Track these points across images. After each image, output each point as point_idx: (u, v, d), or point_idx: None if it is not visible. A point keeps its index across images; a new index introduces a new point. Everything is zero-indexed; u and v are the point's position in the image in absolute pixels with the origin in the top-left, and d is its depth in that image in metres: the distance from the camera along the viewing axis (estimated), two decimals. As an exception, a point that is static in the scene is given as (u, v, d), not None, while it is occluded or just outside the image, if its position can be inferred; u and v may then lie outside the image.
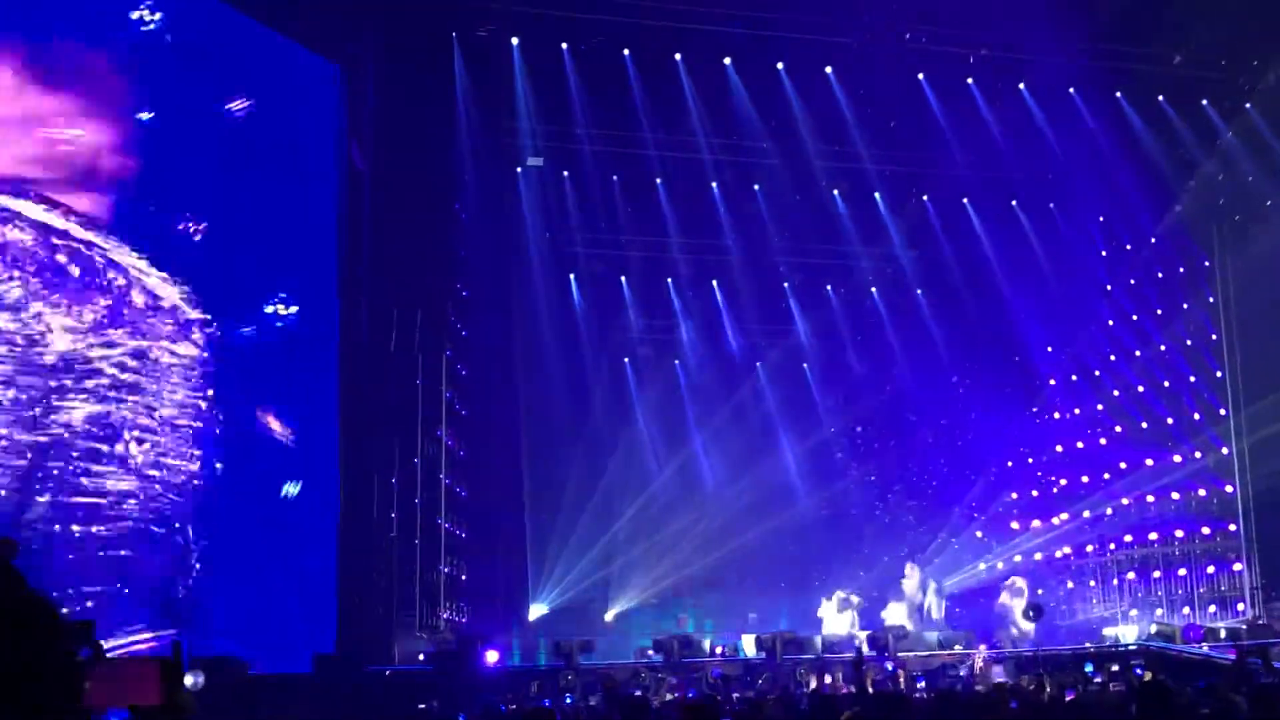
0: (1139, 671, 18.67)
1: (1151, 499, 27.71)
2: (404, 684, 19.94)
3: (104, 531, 22.50)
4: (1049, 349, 28.97)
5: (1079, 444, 28.97)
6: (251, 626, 21.88)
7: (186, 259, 22.92)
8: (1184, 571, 27.37)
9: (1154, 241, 28.14)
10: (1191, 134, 27.06)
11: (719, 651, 22.74)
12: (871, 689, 17.81)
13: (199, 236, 22.74)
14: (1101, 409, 28.84)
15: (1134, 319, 28.39)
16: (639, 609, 27.19)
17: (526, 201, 26.59)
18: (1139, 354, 28.20)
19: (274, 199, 24.14)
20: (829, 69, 26.40)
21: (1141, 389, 28.16)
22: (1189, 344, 27.58)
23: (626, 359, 28.43)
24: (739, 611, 26.96)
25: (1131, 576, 28.14)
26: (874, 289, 29.10)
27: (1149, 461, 27.70)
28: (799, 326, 29.00)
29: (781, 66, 26.35)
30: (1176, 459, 27.40)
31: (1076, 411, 29.19)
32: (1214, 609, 26.67)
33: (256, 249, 23.92)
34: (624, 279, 28.08)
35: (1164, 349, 27.83)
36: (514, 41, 24.99)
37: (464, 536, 25.50)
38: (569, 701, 17.81)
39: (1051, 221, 28.49)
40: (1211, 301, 27.51)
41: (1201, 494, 27.25)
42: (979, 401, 28.59)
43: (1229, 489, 26.77)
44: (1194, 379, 27.42)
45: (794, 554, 28.77)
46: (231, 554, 22.59)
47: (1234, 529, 26.72)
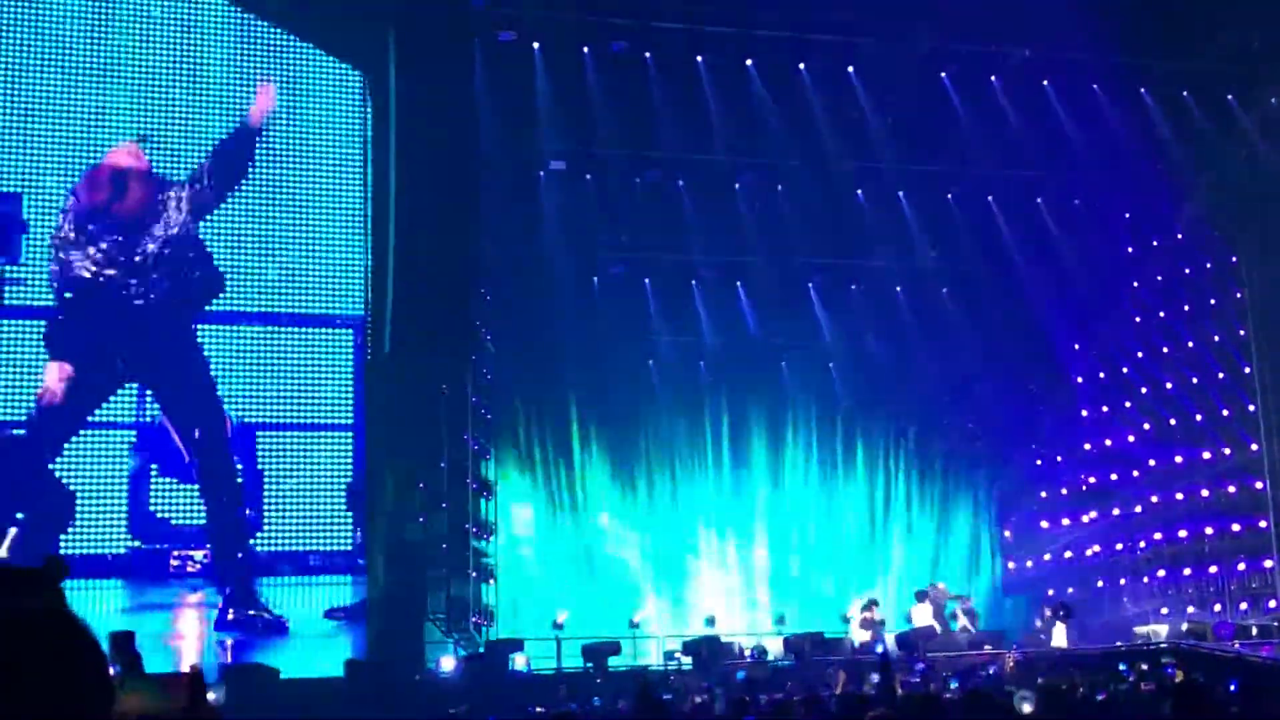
0: (1170, 671, 18.53)
1: (1181, 496, 27.52)
2: (434, 688, 19.99)
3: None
4: (1076, 347, 28.85)
5: (1107, 442, 28.81)
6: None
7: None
8: (1214, 569, 27.17)
9: (1181, 238, 27.98)
10: (1217, 130, 26.92)
11: (747, 654, 22.73)
12: (901, 690, 17.75)
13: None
14: (1130, 406, 28.69)
15: (1161, 316, 28.22)
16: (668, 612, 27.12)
17: (549, 205, 26.59)
18: (1167, 351, 28.03)
19: (300, 203, 24.39)
20: (851, 69, 26.38)
21: (1170, 386, 27.99)
22: (1217, 340, 27.39)
23: (650, 361, 28.38)
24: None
25: (1162, 574, 27.96)
26: (898, 288, 28.98)
27: (1178, 459, 27.53)
28: (823, 327, 28.91)
29: (803, 67, 26.35)
30: (1206, 456, 27.22)
31: (1105, 409, 29.04)
32: (1245, 606, 26.47)
33: (284, 253, 24.17)
34: (647, 281, 28.04)
35: (1192, 346, 27.65)
36: (535, 46, 25.06)
37: (490, 540, 25.51)
38: (597, 704, 17.80)
39: (1077, 219, 28.37)
40: (1239, 298, 27.31)
41: (1231, 491, 27.05)
42: (1006, 400, 28.46)
43: (1259, 485, 26.55)
44: (1222, 375, 27.23)
45: (813, 546, 28.70)
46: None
47: (1264, 525, 26.51)
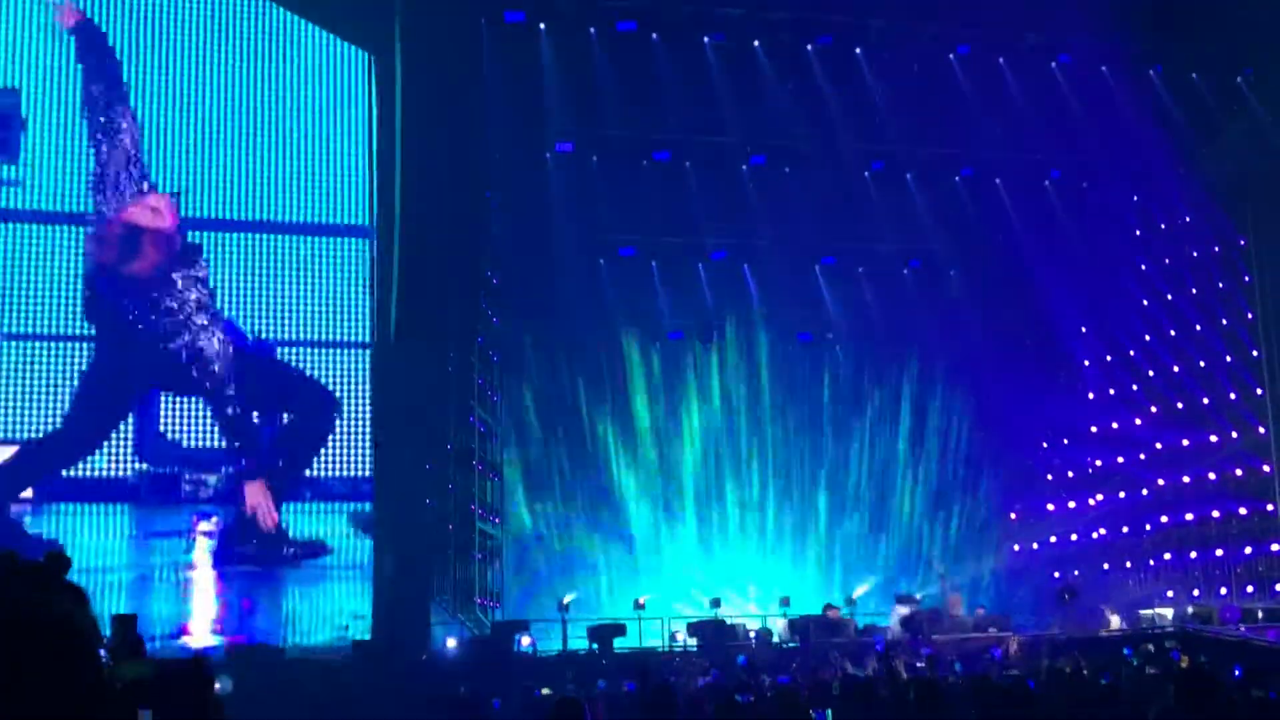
0: (1175, 655, 18.55)
1: (1187, 479, 27.48)
2: (439, 669, 20.06)
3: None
4: (1083, 330, 28.81)
5: (1114, 425, 28.77)
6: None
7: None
8: (1221, 552, 27.13)
9: (1188, 221, 27.91)
10: (1226, 113, 26.82)
11: (752, 635, 22.77)
12: (906, 674, 17.79)
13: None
14: (1136, 389, 28.65)
15: (1169, 299, 28.15)
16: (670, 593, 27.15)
17: (556, 187, 26.56)
18: (1174, 334, 27.97)
19: (308, 185, 24.39)
20: (859, 50, 26.30)
21: (1177, 369, 27.94)
22: (1224, 324, 27.32)
23: (657, 344, 28.40)
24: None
25: (1168, 557, 27.95)
26: (905, 271, 28.96)
27: (1185, 442, 27.49)
28: (831, 309, 28.89)
29: (811, 48, 26.29)
30: (1213, 439, 27.18)
31: (1111, 392, 28.99)
32: (1251, 589, 26.45)
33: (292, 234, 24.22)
34: (654, 264, 28.03)
35: (1199, 329, 27.58)
36: (541, 27, 25.01)
37: (497, 521, 25.59)
38: (602, 687, 17.84)
39: (1085, 202, 28.32)
40: (1247, 281, 27.22)
41: (1238, 474, 27.00)
42: (1013, 383, 28.43)
43: (1266, 469, 26.51)
44: (1230, 359, 27.16)
45: (818, 528, 28.71)
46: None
47: (1270, 509, 26.47)
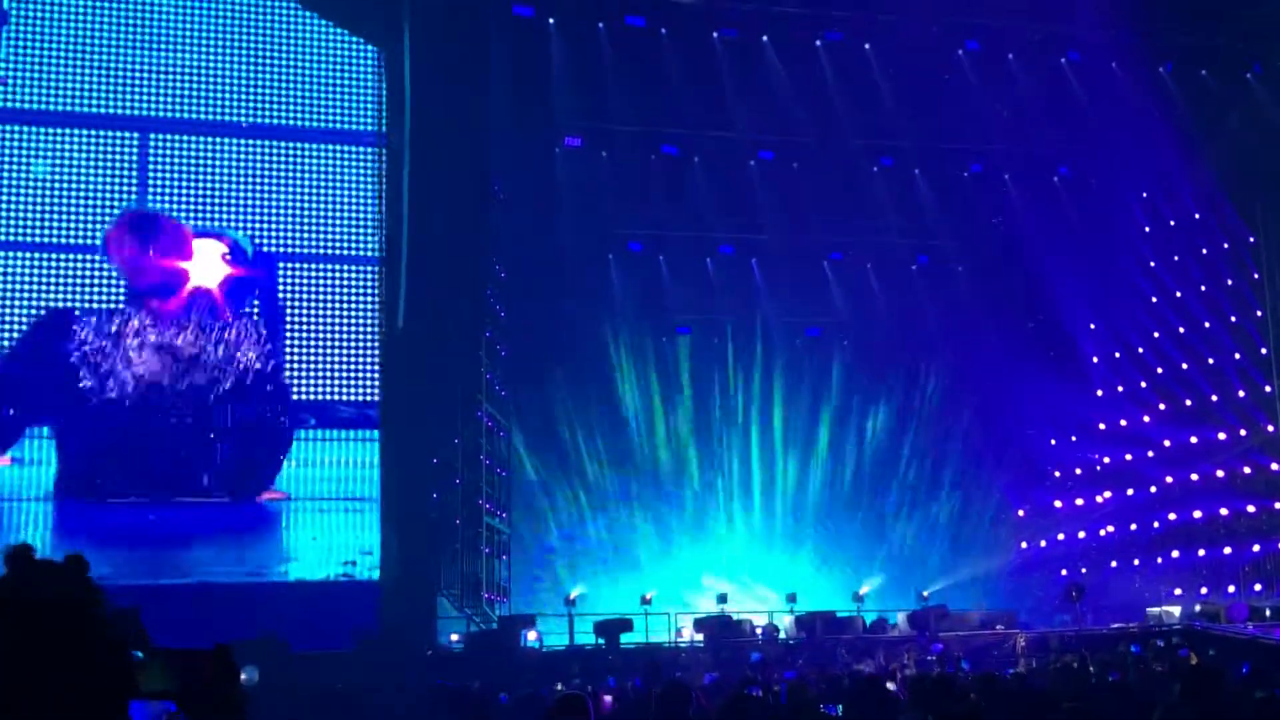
0: (1184, 653, 18.50)
1: (1195, 476, 27.43)
2: (446, 664, 20.04)
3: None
4: (1092, 326, 28.75)
5: (1122, 422, 28.72)
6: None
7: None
8: (1229, 550, 27.07)
9: (1197, 217, 27.83)
10: (1235, 109, 26.74)
11: (759, 632, 22.75)
12: (915, 670, 17.77)
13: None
14: (1145, 386, 28.60)
15: (1177, 296, 28.07)
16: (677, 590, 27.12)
17: (564, 182, 26.55)
18: (1183, 331, 27.90)
19: (317, 178, 24.42)
20: (868, 46, 26.25)
21: (1185, 366, 27.87)
22: (1233, 320, 27.26)
23: (665, 339, 28.38)
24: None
25: (1176, 555, 27.88)
26: (914, 266, 28.91)
27: (1193, 439, 27.44)
28: (839, 304, 28.86)
29: (820, 43, 26.24)
30: (1221, 436, 27.13)
31: (1120, 389, 28.94)
32: (1259, 587, 26.39)
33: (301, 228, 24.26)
34: (662, 258, 28.01)
35: (1208, 326, 27.52)
36: (550, 21, 25.00)
37: (504, 516, 25.58)
38: (610, 683, 17.83)
39: (1093, 198, 28.27)
40: (1256, 278, 27.17)
41: (1246, 471, 26.94)
42: (1021, 380, 28.37)
43: (1274, 466, 26.45)
44: (1238, 356, 27.12)
45: (826, 525, 28.67)
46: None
47: (1279, 506, 26.42)
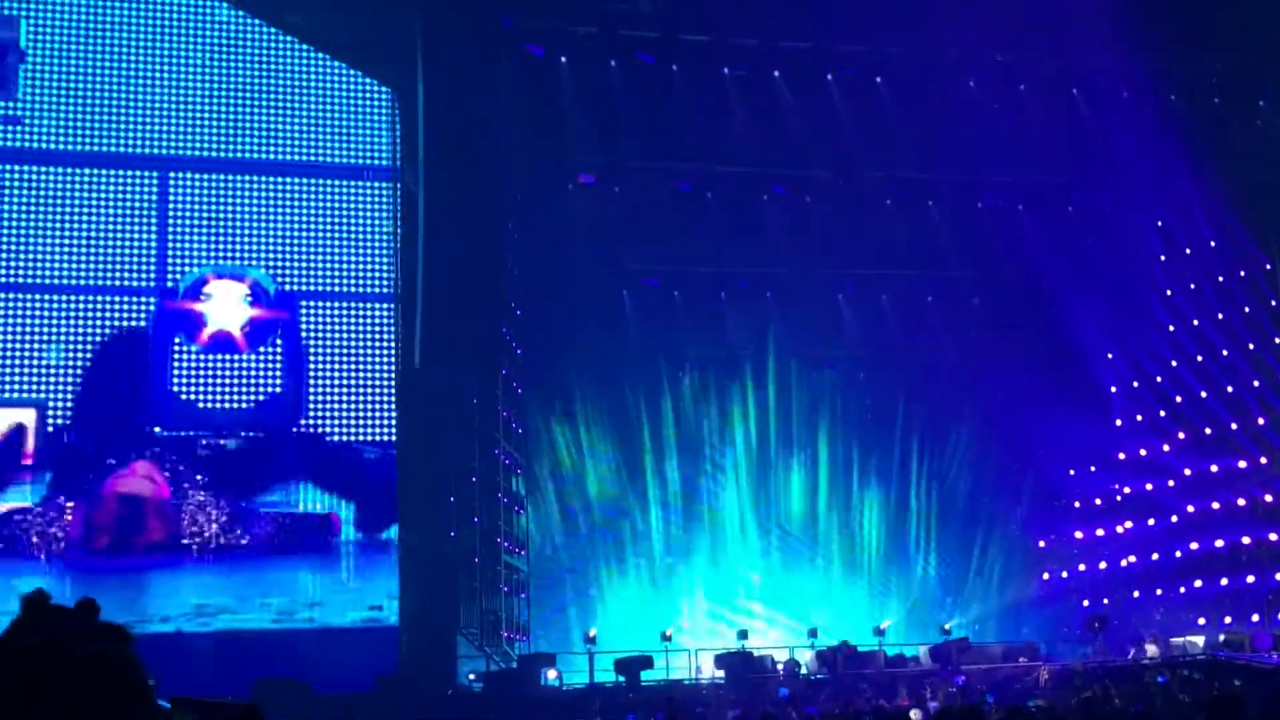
0: (1205, 685, 18.37)
1: (1217, 505, 27.29)
2: (466, 703, 19.99)
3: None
4: (1110, 356, 28.67)
5: (1142, 451, 28.61)
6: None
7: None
8: (1251, 578, 26.90)
9: (1213, 245, 27.80)
10: (1248, 137, 26.76)
11: (780, 667, 22.63)
12: (939, 702, 17.68)
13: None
14: (1164, 415, 28.48)
15: (1195, 324, 28.02)
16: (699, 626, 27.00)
17: (578, 219, 26.66)
18: (1201, 359, 27.82)
19: (333, 217, 24.58)
20: (879, 79, 26.35)
21: (1204, 394, 27.77)
22: (1251, 348, 27.20)
23: (680, 372, 28.37)
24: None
25: (1199, 584, 27.70)
26: (929, 298, 28.89)
27: (1213, 467, 27.32)
28: (854, 337, 28.83)
29: (831, 78, 26.35)
30: (1241, 464, 27.02)
31: (1139, 418, 28.83)
32: (1283, 616, 26.21)
33: (317, 266, 24.40)
34: (676, 294, 28.05)
35: (1226, 354, 27.46)
36: (563, 60, 25.14)
37: (523, 554, 25.54)
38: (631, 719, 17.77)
39: (1108, 227, 28.24)
40: (1273, 305, 27.12)
41: (1268, 499, 26.81)
42: (1040, 410, 28.30)
43: (1296, 493, 26.35)
44: (1257, 383, 27.03)
45: (845, 560, 28.54)
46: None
47: (1302, 534, 26.28)
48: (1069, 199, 28.39)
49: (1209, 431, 27.74)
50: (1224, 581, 27.33)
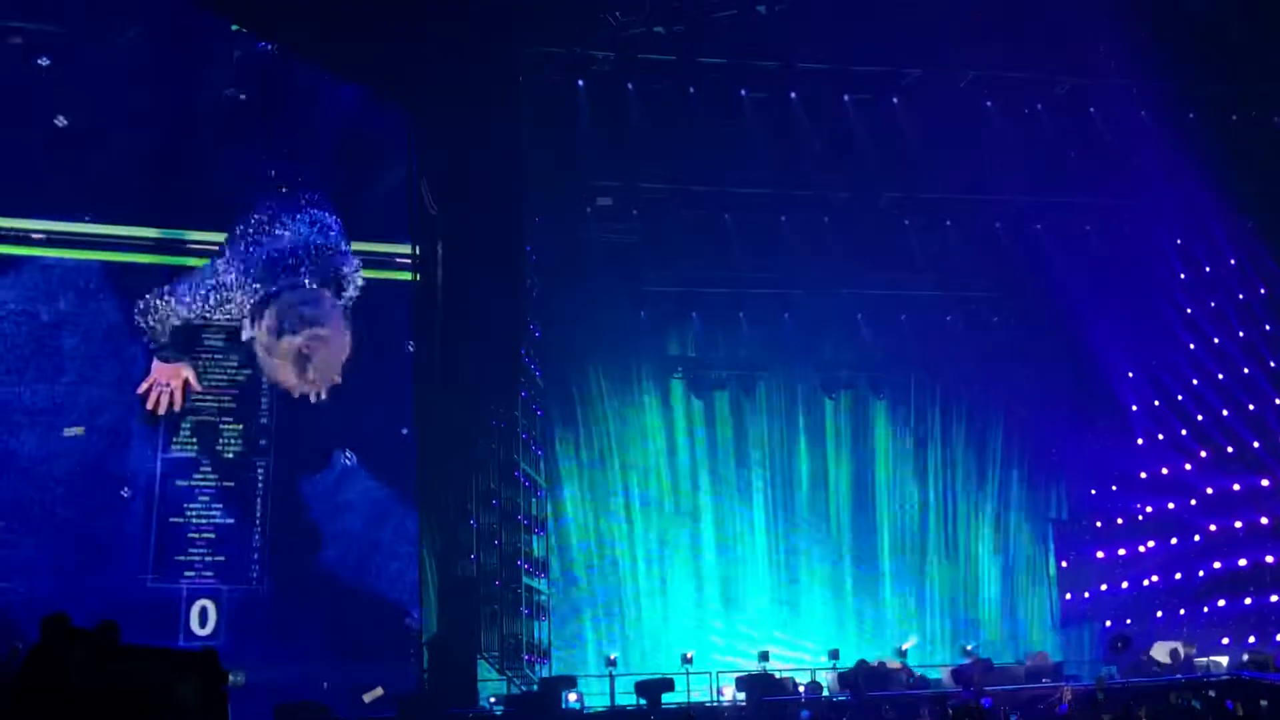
0: (1230, 705, 18.27)
1: (1239, 524, 27.16)
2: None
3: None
4: (1130, 375, 28.58)
5: (1164, 470, 28.49)
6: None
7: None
8: (1276, 597, 26.74)
9: (1233, 263, 27.73)
10: (1268, 154, 26.71)
11: (801, 689, 22.56)
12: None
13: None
14: (1185, 434, 28.37)
15: (1215, 342, 27.94)
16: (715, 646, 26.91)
17: (597, 241, 26.76)
18: (1222, 377, 27.73)
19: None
20: (895, 99, 26.40)
21: (1226, 413, 27.68)
22: (1272, 366, 27.10)
23: (700, 393, 28.35)
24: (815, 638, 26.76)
25: (1222, 604, 27.54)
26: (948, 318, 28.85)
27: (1236, 486, 27.20)
28: (873, 357, 28.79)
29: (848, 99, 26.40)
30: (1264, 483, 26.89)
31: (1160, 437, 28.71)
32: (1308, 635, 26.03)
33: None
34: (695, 314, 28.11)
35: (1247, 372, 27.36)
36: (580, 84, 25.25)
37: (543, 577, 25.52)
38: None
39: (1127, 246, 28.18)
40: (1295, 323, 27.04)
41: (1291, 518, 26.70)
42: (1060, 429, 28.22)
43: (1320, 512, 26.21)
44: (1279, 401, 26.93)
45: (865, 580, 28.41)
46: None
47: (1326, 553, 26.14)
48: (1087, 217, 28.34)
49: (1231, 450, 27.61)
50: (1248, 601, 27.17)
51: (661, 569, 27.52)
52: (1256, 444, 27.11)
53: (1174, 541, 28.07)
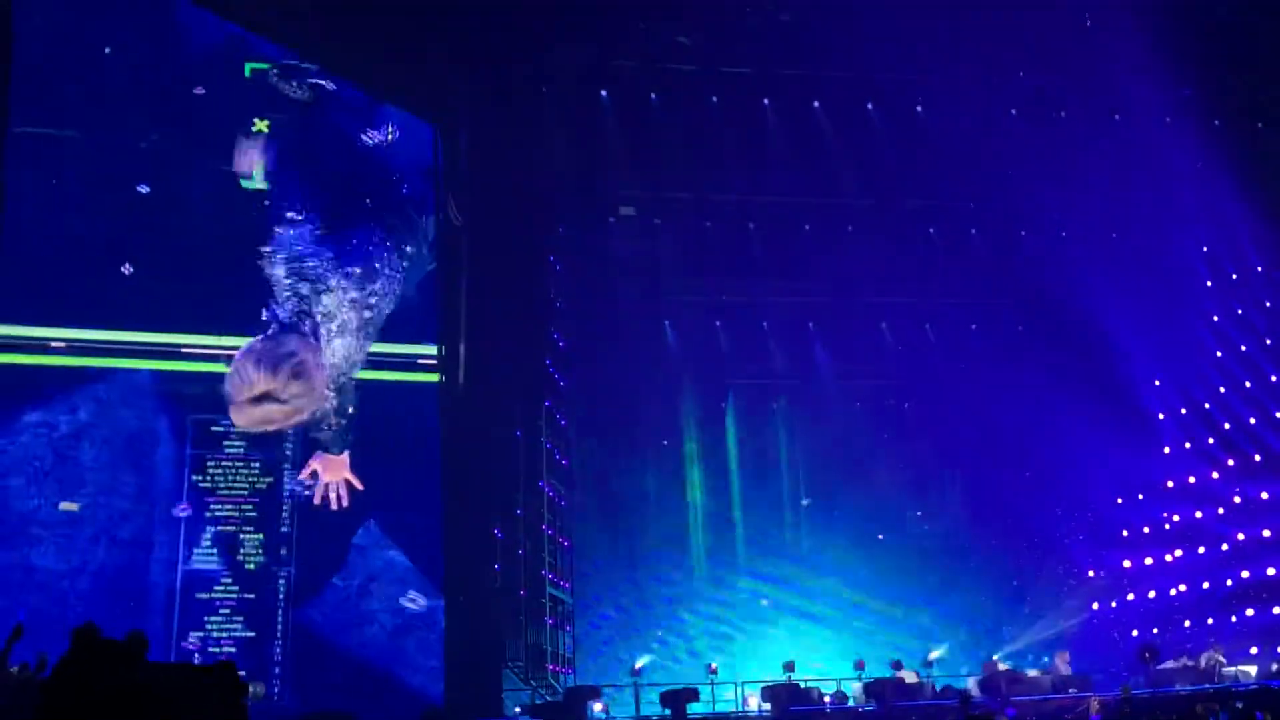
0: (1260, 716, 18.13)
1: (1267, 533, 26.95)
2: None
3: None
4: (1156, 383, 28.42)
5: (1191, 479, 28.30)
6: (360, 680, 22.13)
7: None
8: (1304, 606, 26.56)
9: (1260, 270, 27.57)
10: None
11: (827, 700, 22.49)
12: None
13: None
14: (1212, 442, 28.18)
15: (1242, 350, 27.77)
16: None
17: (620, 250, 26.78)
18: (1249, 385, 27.56)
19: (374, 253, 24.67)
20: (919, 108, 26.36)
21: (1253, 421, 27.49)
22: (1299, 373, 26.96)
23: (724, 405, 28.34)
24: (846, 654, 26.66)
25: (1250, 613, 27.33)
26: (973, 326, 28.75)
27: (1264, 494, 27.00)
28: (897, 366, 28.71)
29: (871, 107, 26.38)
30: (1292, 491, 26.71)
31: (1187, 446, 28.53)
32: (1337, 645, 25.82)
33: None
34: (719, 323, 28.08)
35: (1275, 379, 27.18)
36: (603, 93, 25.31)
37: (567, 586, 25.53)
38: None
39: (1153, 254, 28.03)
40: (1322, 330, 26.87)
41: (1320, 526, 26.49)
42: (1086, 438, 28.05)
43: (1347, 520, 26.00)
44: (1307, 409, 26.77)
45: (892, 596, 28.30)
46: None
47: (1355, 562, 25.92)
48: (1113, 225, 28.21)
49: (1259, 458, 27.42)
50: (1277, 610, 26.95)
51: (688, 575, 27.47)
52: (1283, 452, 26.94)
53: (1201, 550, 27.88)
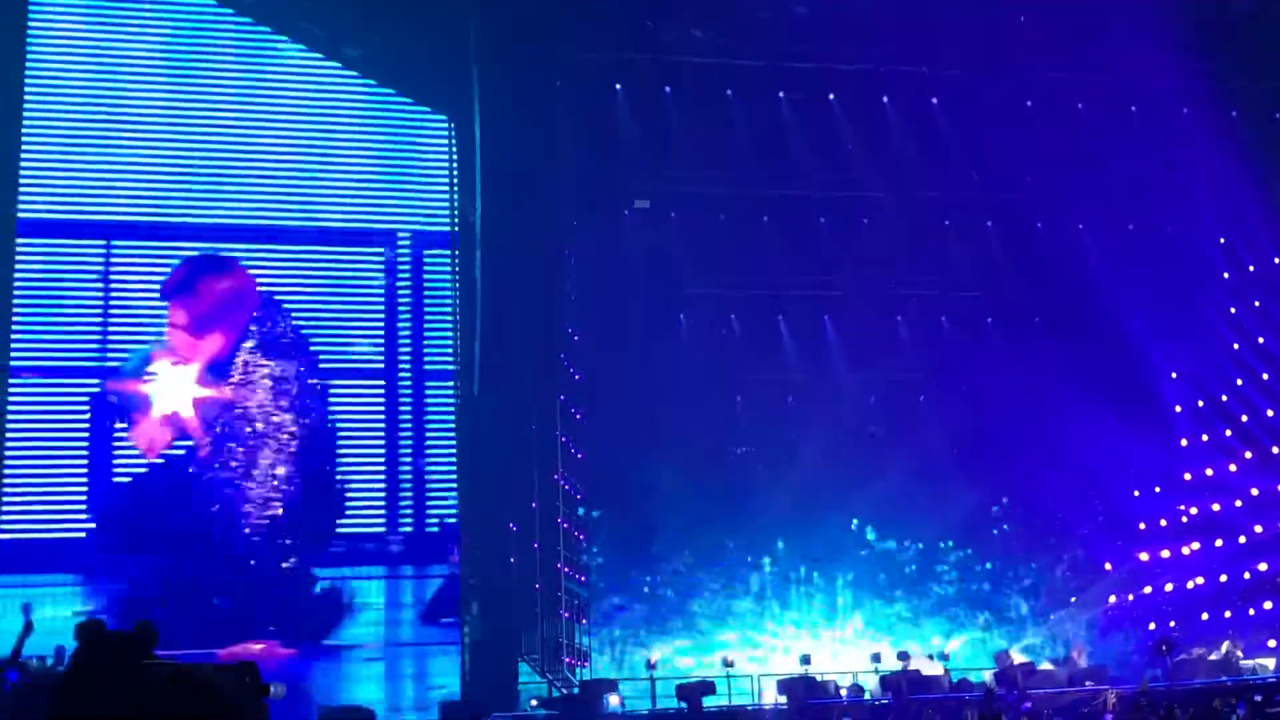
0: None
1: (1285, 525, 26.90)
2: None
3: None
4: (1173, 375, 28.32)
5: (1208, 471, 28.20)
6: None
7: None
8: (1324, 599, 26.46)
9: (1277, 262, 27.46)
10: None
11: (843, 692, 22.49)
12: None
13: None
14: (1229, 435, 28.09)
15: (1260, 342, 27.68)
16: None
17: (635, 244, 26.72)
18: (1266, 378, 27.47)
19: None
20: (935, 100, 26.31)
21: (1270, 413, 27.41)
22: (1317, 365, 26.86)
23: (739, 397, 28.28)
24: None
25: (1268, 606, 27.25)
26: (989, 319, 28.65)
27: (1280, 487, 26.94)
28: (913, 359, 28.61)
29: (886, 99, 26.34)
30: (1309, 483, 26.62)
31: (1204, 438, 28.43)
32: (1355, 637, 25.72)
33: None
34: (733, 317, 28.02)
35: (1292, 371, 27.12)
36: (618, 87, 25.30)
37: (583, 580, 25.57)
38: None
39: (1169, 246, 27.94)
40: (1340, 322, 26.76)
41: (1337, 518, 26.39)
42: (1103, 431, 27.96)
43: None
44: (1324, 400, 26.68)
45: (909, 589, 28.27)
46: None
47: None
48: (1130, 217, 28.11)
49: (1276, 450, 27.34)
50: (1294, 603, 26.89)
51: (703, 571, 27.44)
52: (1301, 444, 26.86)
53: (1218, 543, 27.78)
